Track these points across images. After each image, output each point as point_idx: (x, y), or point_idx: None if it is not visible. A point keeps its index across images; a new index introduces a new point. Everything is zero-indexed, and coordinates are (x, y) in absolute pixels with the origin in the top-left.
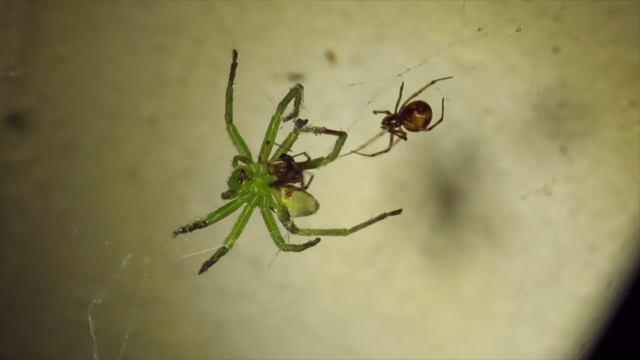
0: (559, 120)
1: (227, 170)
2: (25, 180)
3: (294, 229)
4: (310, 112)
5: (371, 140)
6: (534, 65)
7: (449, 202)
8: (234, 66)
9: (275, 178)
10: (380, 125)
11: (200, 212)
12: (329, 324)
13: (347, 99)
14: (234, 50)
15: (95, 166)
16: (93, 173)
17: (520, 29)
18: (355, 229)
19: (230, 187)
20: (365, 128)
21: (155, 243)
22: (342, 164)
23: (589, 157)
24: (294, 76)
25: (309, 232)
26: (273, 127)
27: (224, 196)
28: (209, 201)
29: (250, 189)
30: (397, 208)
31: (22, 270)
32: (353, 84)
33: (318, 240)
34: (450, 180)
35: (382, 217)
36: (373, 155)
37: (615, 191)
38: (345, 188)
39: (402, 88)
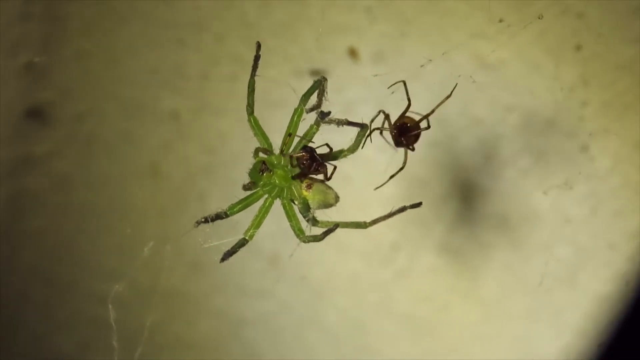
0: (580, 119)
1: (247, 166)
2: (45, 174)
3: (314, 221)
4: (332, 108)
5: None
6: (557, 63)
7: (468, 200)
8: (256, 58)
9: (297, 170)
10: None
11: (220, 207)
12: (347, 323)
13: (369, 95)
14: (258, 42)
15: (116, 161)
16: (113, 168)
17: (542, 16)
18: (375, 221)
19: (251, 178)
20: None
21: (174, 238)
22: (362, 161)
23: (610, 156)
24: (316, 72)
25: (328, 224)
26: (295, 119)
27: (245, 188)
28: (229, 197)
29: (272, 181)
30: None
31: (41, 264)
32: (377, 75)
33: (337, 226)
34: (470, 178)
35: (402, 210)
36: (392, 177)
37: (635, 190)
38: (365, 185)
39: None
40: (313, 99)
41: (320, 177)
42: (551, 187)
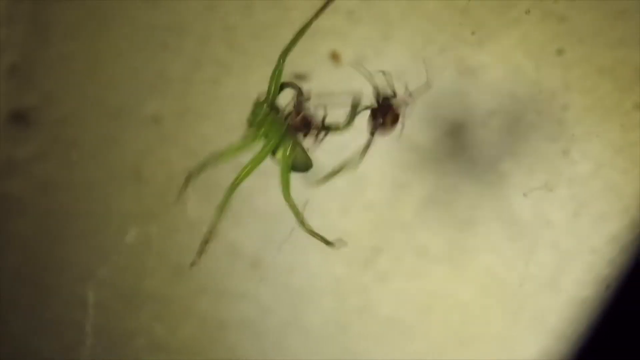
0: (562, 123)
1: (230, 171)
2: (28, 178)
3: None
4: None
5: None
6: (538, 67)
7: (448, 203)
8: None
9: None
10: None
11: (201, 212)
12: (329, 326)
13: (350, 100)
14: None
15: (98, 165)
16: (96, 172)
17: (529, 11)
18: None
19: (252, 116)
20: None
21: (156, 241)
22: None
23: (591, 160)
24: (298, 76)
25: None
26: (276, 77)
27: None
28: (211, 201)
29: (269, 120)
30: (399, 210)
31: (23, 268)
32: (359, 72)
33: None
34: (451, 181)
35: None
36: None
37: (617, 194)
38: (347, 189)
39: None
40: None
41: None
42: (532, 190)
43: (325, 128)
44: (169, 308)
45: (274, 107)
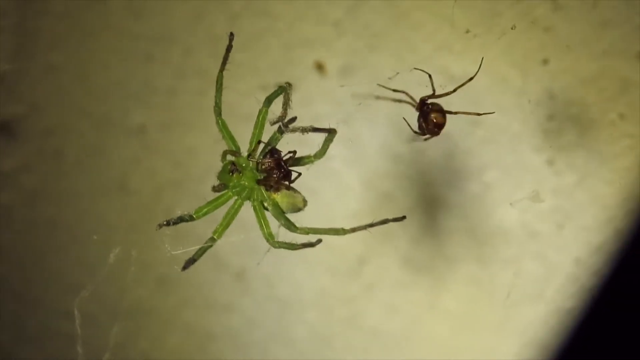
0: (547, 133)
1: (215, 181)
2: (14, 188)
3: (291, 227)
4: (298, 122)
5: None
6: (523, 77)
7: (434, 214)
8: (228, 49)
9: (262, 175)
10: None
11: (185, 225)
12: (315, 338)
13: (336, 110)
14: (231, 33)
15: (84, 175)
16: (81, 182)
17: (515, 27)
18: (354, 229)
19: (220, 180)
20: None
21: (142, 252)
22: (328, 175)
23: (576, 171)
24: (282, 87)
25: (307, 230)
26: (260, 120)
27: (215, 189)
28: (186, 241)
29: (241, 182)
30: (382, 218)
31: (8, 279)
32: (343, 85)
33: (319, 241)
34: (436, 192)
35: (385, 222)
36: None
37: (601, 205)
38: (331, 199)
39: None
40: (278, 110)
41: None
42: (517, 201)
43: (299, 164)
44: (154, 320)
45: (245, 162)
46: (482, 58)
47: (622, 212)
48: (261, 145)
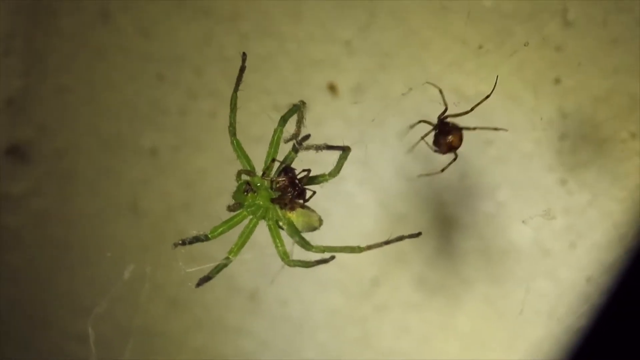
0: (559, 152)
1: (226, 202)
2: (24, 211)
3: (306, 245)
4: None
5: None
6: (535, 96)
7: (447, 234)
8: (242, 70)
9: (277, 194)
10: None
11: (199, 245)
12: (326, 359)
13: (348, 130)
14: (243, 53)
15: (95, 197)
16: (92, 204)
17: (528, 43)
18: (370, 247)
19: (235, 199)
20: (365, 154)
21: (153, 274)
22: (342, 196)
23: (588, 189)
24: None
25: (323, 249)
26: (275, 139)
27: (230, 209)
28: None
29: (256, 202)
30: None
31: (20, 302)
32: (356, 102)
33: (333, 257)
34: (449, 212)
35: (400, 238)
36: (442, 170)
37: (613, 223)
38: (345, 219)
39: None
40: (291, 128)
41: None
42: (530, 219)
43: (314, 182)
44: (166, 342)
45: (259, 182)
46: (497, 77)
47: (634, 230)
48: (276, 164)
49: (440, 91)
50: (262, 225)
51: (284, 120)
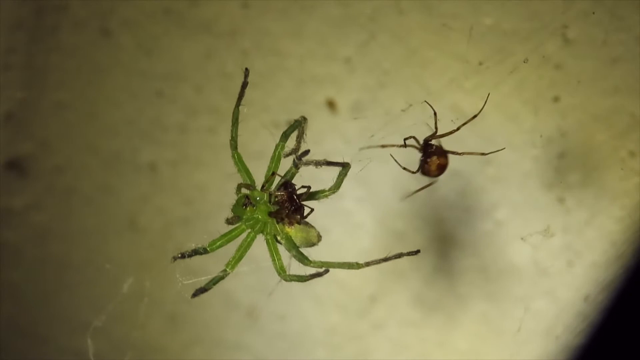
0: (558, 171)
1: (229, 215)
2: (24, 226)
3: (304, 260)
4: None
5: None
6: (535, 114)
7: (445, 252)
8: (244, 85)
9: (275, 208)
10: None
11: (197, 261)
12: None
13: (347, 147)
14: (246, 69)
15: (94, 213)
16: (91, 220)
17: (527, 60)
18: (369, 263)
19: (234, 213)
20: (363, 172)
21: (152, 290)
22: (340, 213)
23: (587, 208)
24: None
25: (321, 264)
26: (277, 154)
27: (228, 222)
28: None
29: (254, 216)
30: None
31: (19, 318)
32: (357, 118)
33: (327, 271)
34: (447, 230)
35: (399, 256)
36: (420, 189)
37: (612, 242)
38: (343, 237)
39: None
40: (292, 143)
41: (297, 217)
42: (528, 238)
43: (314, 198)
44: (163, 357)
45: (259, 195)
46: (488, 94)
47: (632, 249)
48: (277, 179)
49: (435, 113)
50: (260, 239)
51: (285, 135)
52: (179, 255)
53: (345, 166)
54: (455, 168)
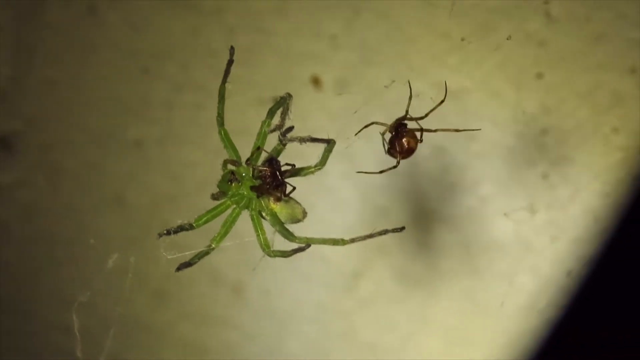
0: (541, 147)
1: (215, 190)
2: (11, 203)
3: (289, 236)
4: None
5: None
6: (518, 91)
7: (429, 228)
8: (229, 63)
9: (258, 182)
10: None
11: (182, 236)
12: (311, 353)
13: (331, 123)
14: (231, 46)
15: (81, 190)
16: (78, 197)
17: (510, 37)
18: (354, 240)
19: (219, 188)
20: (347, 148)
21: (139, 266)
22: (324, 189)
23: (570, 184)
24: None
25: (306, 240)
26: (263, 131)
27: (214, 197)
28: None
29: (240, 191)
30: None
31: (5, 293)
32: (340, 94)
33: (308, 246)
34: (431, 206)
35: (384, 232)
36: (381, 171)
37: (595, 218)
38: (328, 213)
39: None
40: (277, 120)
41: (278, 194)
42: (512, 214)
43: (300, 174)
44: (151, 334)
45: (245, 171)
46: (445, 81)
47: (615, 225)
48: (264, 155)
49: (410, 96)
50: (245, 215)
51: (271, 112)
52: (165, 232)
53: (330, 143)
54: (439, 144)
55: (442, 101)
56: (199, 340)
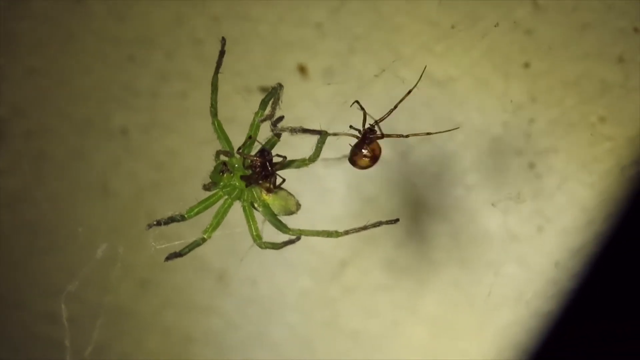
0: (528, 136)
1: (197, 183)
2: None
3: (282, 227)
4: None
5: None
6: (505, 80)
7: (416, 217)
8: (221, 54)
9: (248, 172)
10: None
11: (170, 226)
12: (295, 341)
13: (318, 112)
14: (223, 38)
15: (65, 178)
16: (63, 185)
17: (498, 24)
18: (348, 232)
19: (211, 179)
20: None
21: (123, 255)
22: (312, 179)
23: (557, 174)
24: (266, 89)
25: (299, 232)
26: (255, 123)
27: (205, 188)
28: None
29: (232, 182)
30: (363, 224)
31: None
32: (329, 83)
33: (298, 238)
34: (419, 195)
35: (378, 224)
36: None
37: (582, 208)
38: (315, 203)
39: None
40: (267, 109)
41: (268, 185)
42: (499, 204)
43: (292, 166)
44: (135, 322)
45: (237, 162)
46: (425, 67)
47: (602, 215)
48: (256, 146)
49: (364, 113)
50: (237, 206)
51: (264, 103)
52: (155, 223)
53: (322, 134)
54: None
55: (410, 91)
56: (183, 328)
